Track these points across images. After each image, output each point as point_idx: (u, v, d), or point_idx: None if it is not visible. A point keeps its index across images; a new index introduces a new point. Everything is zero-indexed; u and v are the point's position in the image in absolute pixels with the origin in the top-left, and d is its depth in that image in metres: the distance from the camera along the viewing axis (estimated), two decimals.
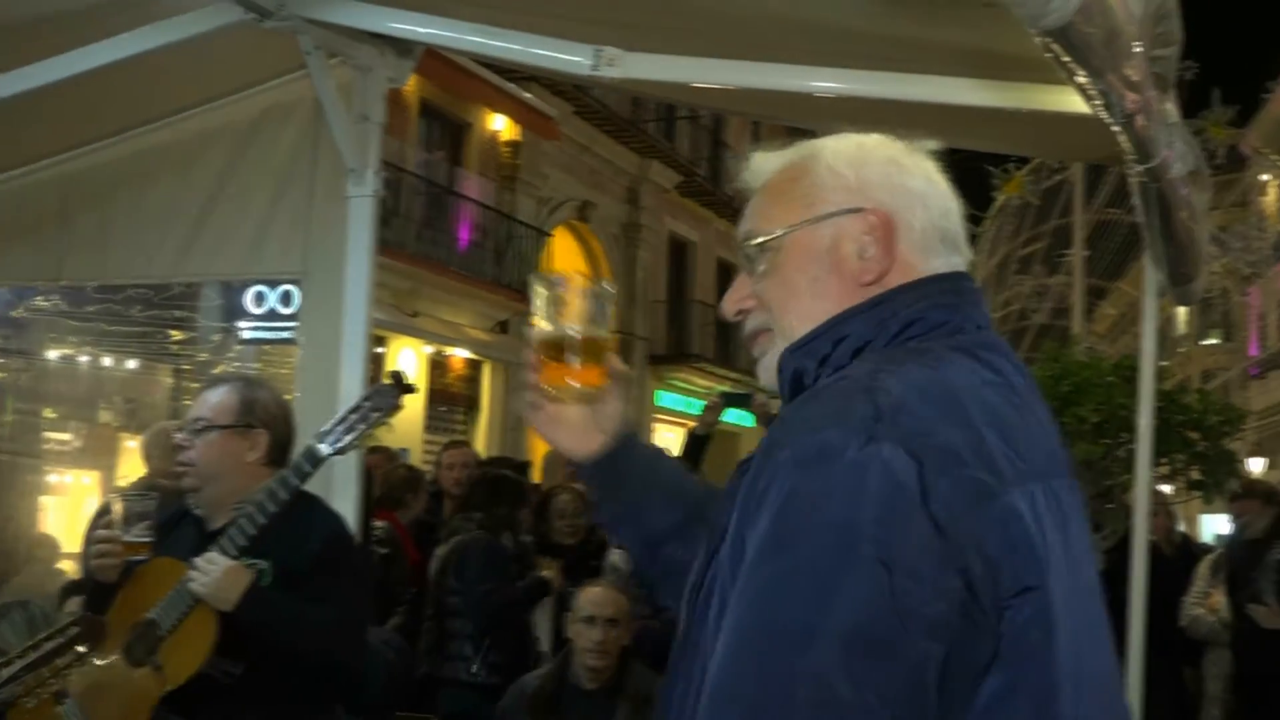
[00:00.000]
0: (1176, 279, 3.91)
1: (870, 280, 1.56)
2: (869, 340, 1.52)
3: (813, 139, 1.69)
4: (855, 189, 1.59)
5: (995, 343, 1.58)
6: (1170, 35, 2.43)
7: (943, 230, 1.58)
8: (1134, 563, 4.07)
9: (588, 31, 3.64)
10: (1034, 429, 1.49)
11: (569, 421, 1.94)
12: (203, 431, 3.53)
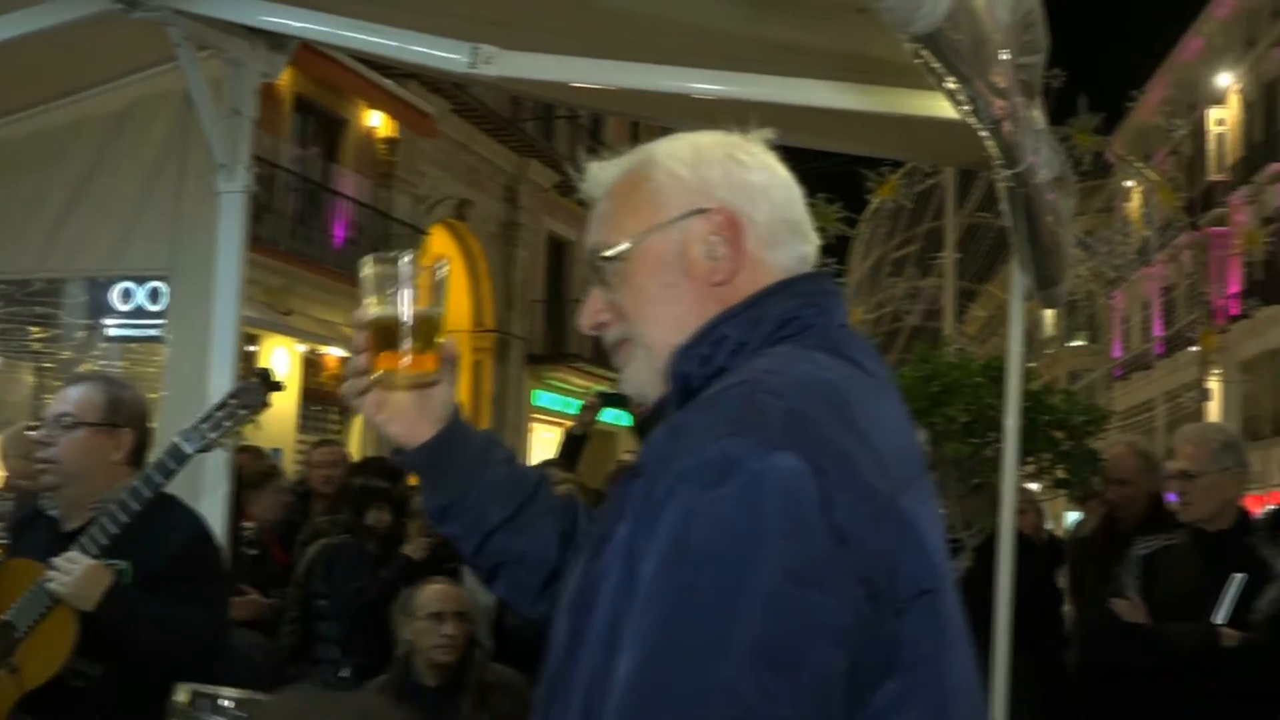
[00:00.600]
0: (1042, 282, 3.99)
1: (721, 280, 1.57)
2: (744, 342, 1.52)
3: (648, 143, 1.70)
4: (697, 190, 1.59)
5: (858, 340, 1.60)
6: (1036, 43, 2.48)
7: (788, 221, 1.60)
8: (1000, 560, 4.15)
9: (465, 29, 3.62)
10: (902, 428, 1.52)
11: (398, 408, 1.85)
12: (70, 428, 3.45)
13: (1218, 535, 4.55)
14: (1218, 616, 4.41)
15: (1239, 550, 4.52)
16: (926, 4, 1.57)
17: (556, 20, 3.50)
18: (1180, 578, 4.57)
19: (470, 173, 23.17)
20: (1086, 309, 17.34)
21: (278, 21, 3.76)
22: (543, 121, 26.07)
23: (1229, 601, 4.42)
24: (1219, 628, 4.38)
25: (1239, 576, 4.44)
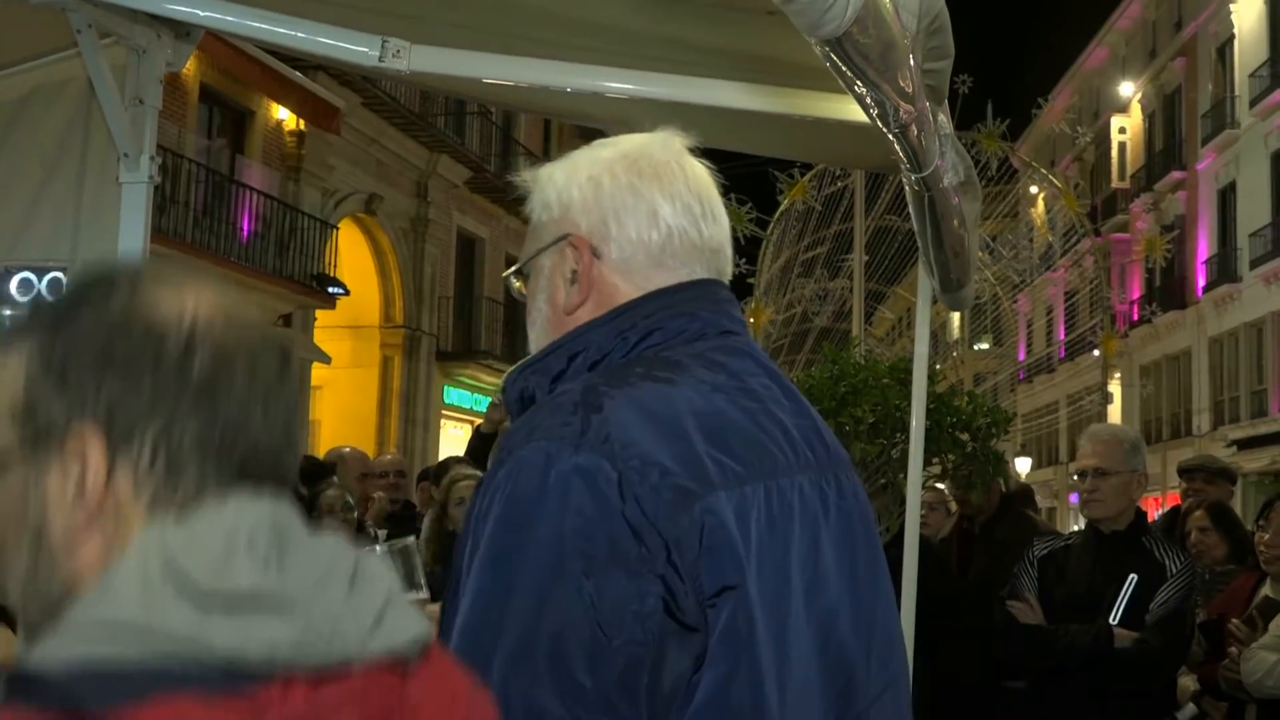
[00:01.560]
0: (948, 285, 4.03)
1: (573, 310, 1.59)
2: (608, 352, 1.54)
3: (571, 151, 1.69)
4: (560, 217, 1.62)
5: (740, 347, 1.60)
6: (944, 49, 2.51)
7: (648, 244, 1.58)
8: (905, 557, 4.20)
9: (375, 22, 3.60)
10: (769, 430, 1.52)
11: None
12: None
13: (1114, 536, 4.63)
14: (1112, 618, 4.48)
15: (1135, 551, 4.61)
16: (835, 8, 1.58)
17: (469, 16, 3.49)
18: (1077, 578, 4.64)
19: (380, 167, 23.03)
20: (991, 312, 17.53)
21: (183, 10, 3.70)
22: (454, 117, 25.99)
23: (1123, 602, 4.50)
24: (1114, 628, 4.46)
25: (1133, 577, 4.52)
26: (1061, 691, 4.50)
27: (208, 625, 0.98)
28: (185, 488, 1.09)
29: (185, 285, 1.14)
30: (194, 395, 1.10)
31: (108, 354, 1.08)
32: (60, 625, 0.99)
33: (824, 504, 1.54)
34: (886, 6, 1.80)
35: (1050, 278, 32.13)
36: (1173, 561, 4.59)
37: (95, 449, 1.07)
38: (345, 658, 1.02)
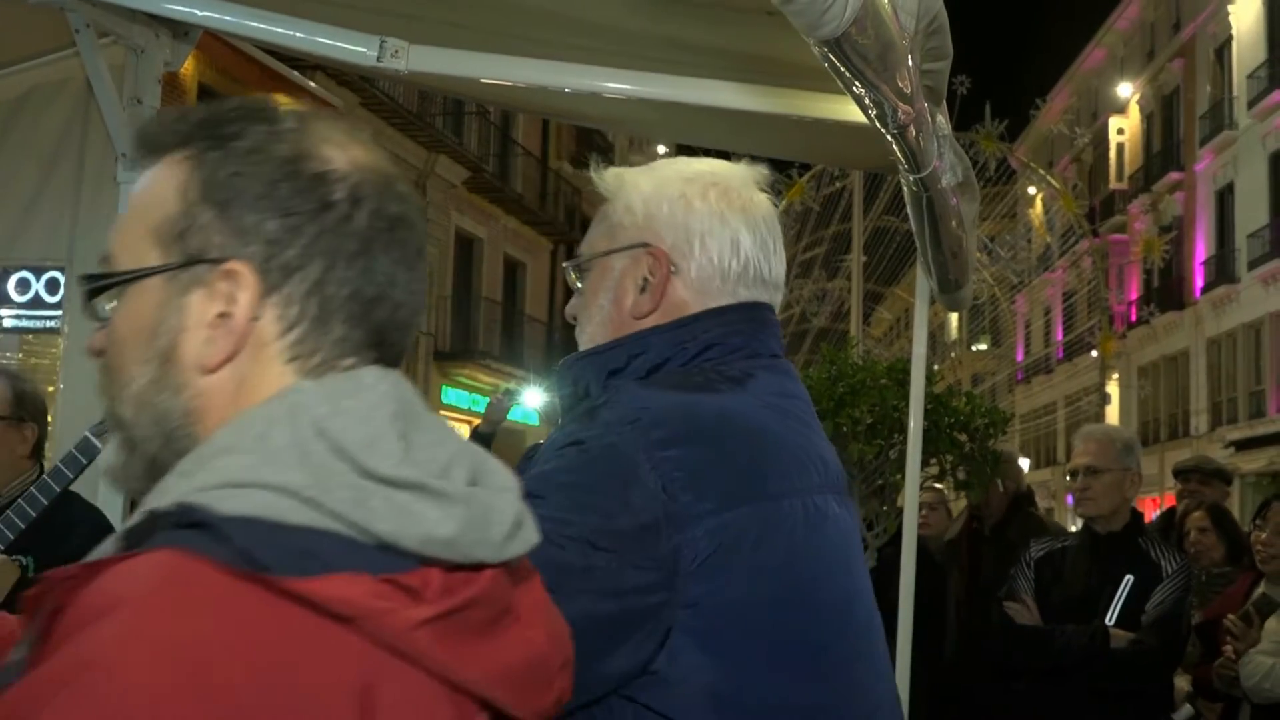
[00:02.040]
0: (945, 286, 4.03)
1: (641, 316, 1.66)
2: (668, 358, 1.61)
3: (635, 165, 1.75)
4: (643, 226, 1.67)
5: (785, 369, 1.69)
6: (942, 50, 2.52)
7: (725, 270, 1.65)
8: (904, 556, 4.20)
9: (373, 22, 3.60)
10: (806, 449, 1.62)
11: None
12: None
13: (1110, 537, 4.64)
14: (1108, 619, 4.49)
15: (1130, 552, 4.61)
16: (833, 8, 1.59)
17: (467, 15, 3.49)
18: (1073, 579, 4.65)
19: None
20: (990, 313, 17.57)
21: (181, 9, 3.70)
22: (453, 117, 26.01)
23: (1119, 603, 4.51)
24: (1110, 629, 4.46)
25: (1129, 578, 4.53)
26: (1059, 692, 4.51)
27: (367, 506, 0.98)
28: (328, 345, 1.10)
29: (350, 141, 1.13)
30: (353, 249, 1.10)
31: (273, 193, 1.07)
32: (213, 471, 0.99)
33: (840, 521, 1.63)
34: (885, 7, 1.81)
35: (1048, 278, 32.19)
36: (1169, 562, 4.59)
37: (247, 287, 1.07)
38: (483, 559, 1.04)
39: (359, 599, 0.95)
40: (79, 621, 0.90)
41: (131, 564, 0.93)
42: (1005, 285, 14.76)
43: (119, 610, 0.89)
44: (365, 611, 0.95)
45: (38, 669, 0.89)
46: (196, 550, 0.92)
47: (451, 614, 1.00)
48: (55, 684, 0.86)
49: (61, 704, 0.84)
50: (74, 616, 0.91)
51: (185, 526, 0.94)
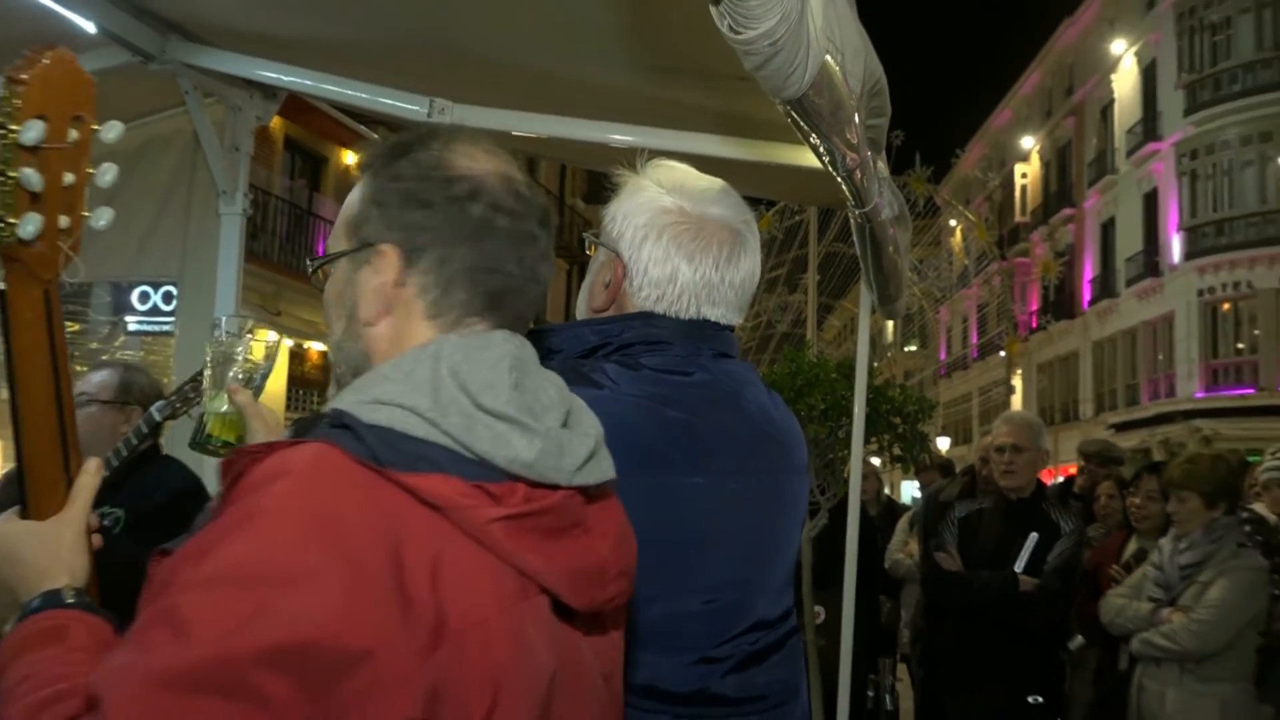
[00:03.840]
0: (884, 299, 4.03)
1: (598, 309, 1.68)
2: (606, 342, 1.62)
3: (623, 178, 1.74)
4: (615, 239, 1.67)
5: (722, 366, 1.67)
6: (882, 108, 2.50)
7: (662, 294, 1.64)
8: (849, 517, 4.19)
9: (424, 85, 3.60)
10: (714, 426, 1.61)
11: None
12: (84, 405, 3.43)
13: (1020, 502, 4.65)
14: (1017, 567, 4.50)
15: (1036, 514, 4.62)
16: (795, 75, 1.57)
17: (499, 81, 3.48)
18: (989, 535, 4.65)
19: None
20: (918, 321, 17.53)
21: (270, 75, 3.71)
22: None
23: (1025, 555, 4.51)
24: (1018, 575, 4.47)
25: (1034, 535, 4.53)
26: (979, 626, 4.52)
27: (473, 430, 1.10)
28: (456, 306, 1.22)
29: (480, 153, 1.25)
30: (468, 232, 1.21)
31: (413, 193, 1.21)
32: (370, 391, 1.12)
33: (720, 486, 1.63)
34: (836, 73, 1.79)
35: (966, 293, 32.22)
36: (1066, 522, 4.61)
37: (392, 262, 1.21)
38: (556, 482, 1.13)
39: (447, 494, 1.06)
40: (254, 485, 1.04)
41: (295, 449, 1.07)
42: (931, 299, 14.72)
43: (280, 480, 1.04)
44: (450, 504, 1.06)
45: (220, 516, 1.05)
46: (339, 444, 1.07)
47: (524, 517, 1.10)
48: (230, 526, 1.02)
49: (233, 539, 1.00)
50: (250, 480, 1.05)
51: (336, 427, 1.09)
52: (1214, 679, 4.09)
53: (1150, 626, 4.23)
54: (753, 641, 1.61)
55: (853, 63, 1.93)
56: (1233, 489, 4.35)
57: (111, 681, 0.96)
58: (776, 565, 1.68)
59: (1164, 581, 4.32)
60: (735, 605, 1.60)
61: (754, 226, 1.74)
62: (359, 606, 0.98)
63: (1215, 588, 4.13)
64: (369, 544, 1.01)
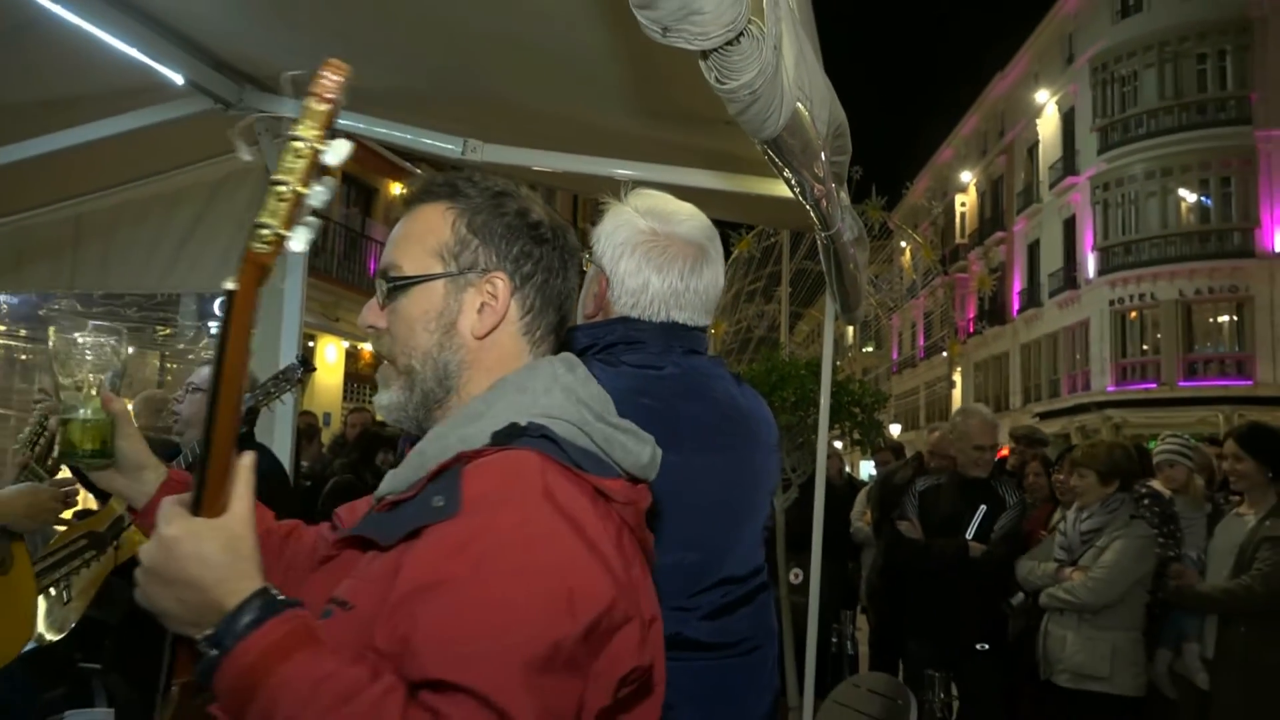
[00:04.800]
0: (846, 308, 4.02)
1: (588, 315, 1.71)
2: (593, 343, 1.64)
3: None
4: (599, 256, 1.69)
5: (691, 362, 1.67)
6: (845, 147, 2.50)
7: (637, 302, 1.66)
8: (816, 491, 4.19)
9: (458, 127, 3.60)
10: (690, 409, 1.62)
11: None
12: (191, 393, 3.49)
13: (973, 479, 4.65)
14: (968, 535, 4.49)
15: (985, 490, 4.63)
16: (771, 119, 1.57)
17: (521, 124, 3.47)
18: (945, 507, 4.66)
19: None
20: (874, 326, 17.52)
21: None
22: None
23: (975, 524, 4.51)
24: (969, 542, 4.46)
25: (983, 507, 4.54)
26: (936, 584, 4.52)
27: (611, 440, 1.16)
28: (542, 326, 1.24)
29: (540, 204, 1.27)
30: (555, 267, 1.25)
31: (514, 232, 1.22)
32: (530, 406, 1.14)
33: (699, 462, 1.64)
34: (806, 118, 1.79)
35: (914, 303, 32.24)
36: (1010, 496, 4.63)
37: (504, 286, 1.22)
38: (647, 479, 1.20)
39: (621, 492, 1.13)
40: (494, 483, 1.04)
41: (518, 452, 1.08)
42: (885, 308, 14.68)
43: (519, 479, 1.05)
44: (624, 499, 1.13)
45: (478, 511, 1.02)
46: (546, 452, 1.09)
47: (642, 507, 1.19)
48: (513, 526, 1.01)
49: (522, 537, 1.00)
50: (482, 479, 1.05)
51: (538, 438, 1.10)
52: (1107, 628, 4.11)
53: (1055, 583, 4.23)
54: (723, 594, 1.61)
55: (820, 108, 1.92)
56: (1125, 470, 4.35)
57: (480, 670, 0.92)
58: (744, 529, 1.68)
59: (1067, 545, 4.35)
60: (702, 563, 1.59)
61: (717, 243, 1.74)
62: (617, 582, 1.04)
63: (1110, 551, 4.16)
64: (602, 535, 1.06)
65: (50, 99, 3.37)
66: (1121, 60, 27.21)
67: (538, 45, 2.66)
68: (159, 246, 4.48)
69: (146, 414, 5.48)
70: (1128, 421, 24.86)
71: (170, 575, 1.03)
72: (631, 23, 1.30)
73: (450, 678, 0.92)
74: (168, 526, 1.05)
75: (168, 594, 1.03)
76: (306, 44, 3.09)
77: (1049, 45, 31.54)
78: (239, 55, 3.34)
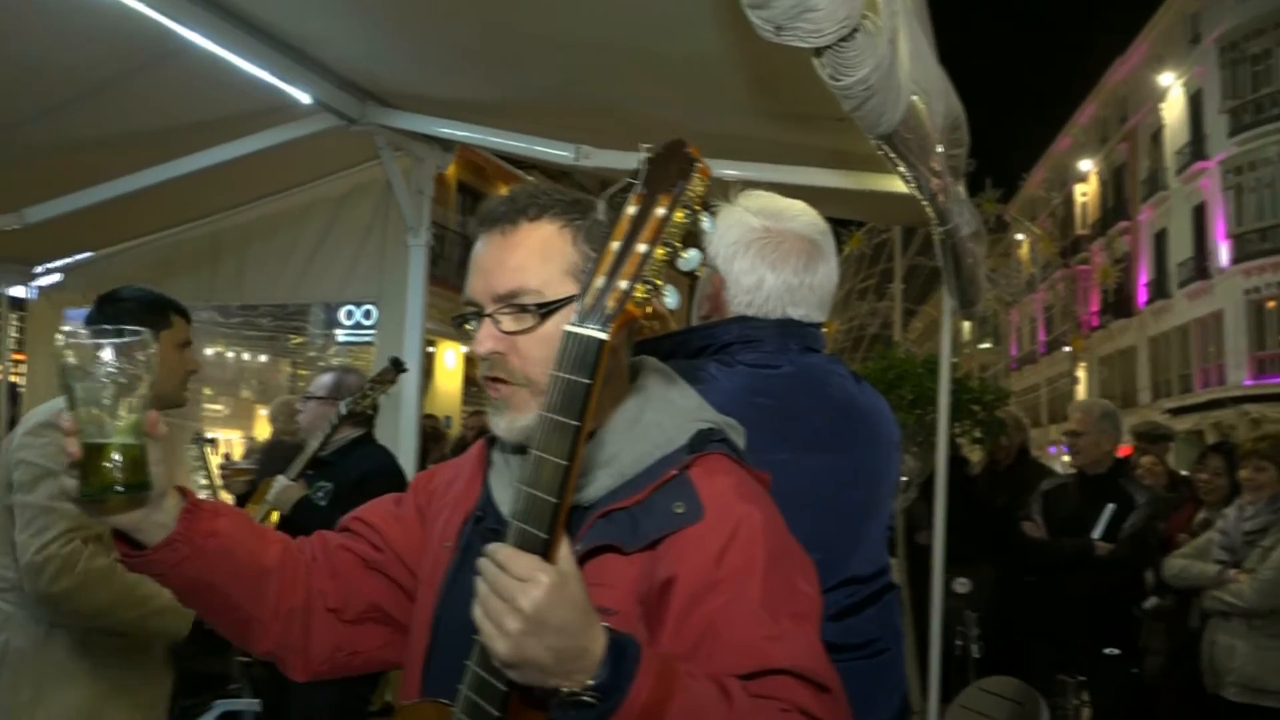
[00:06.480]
0: (964, 304, 3.92)
1: (704, 315, 1.69)
2: (707, 344, 1.62)
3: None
4: (712, 257, 1.67)
5: (809, 360, 1.64)
6: (961, 139, 2.43)
7: (752, 300, 1.64)
8: (936, 489, 4.09)
9: (570, 134, 3.63)
10: (801, 408, 1.59)
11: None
12: (307, 400, 3.62)
13: (1096, 477, 4.49)
14: (1095, 534, 4.35)
15: (1112, 488, 4.45)
16: (887, 114, 1.53)
17: (630, 129, 3.48)
18: (1070, 506, 4.51)
19: None
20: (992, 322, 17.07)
21: (446, 131, 3.79)
22: None
23: (1103, 524, 4.35)
24: (1095, 541, 4.32)
25: (1110, 506, 4.37)
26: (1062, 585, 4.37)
27: (741, 438, 1.27)
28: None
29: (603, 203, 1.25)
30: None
31: (602, 237, 1.09)
32: (694, 411, 1.23)
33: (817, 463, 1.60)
34: (922, 111, 1.74)
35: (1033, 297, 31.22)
36: (1140, 495, 4.44)
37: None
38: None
39: (768, 483, 1.23)
40: (720, 486, 1.15)
41: (718, 456, 1.19)
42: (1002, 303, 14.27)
43: (737, 478, 1.17)
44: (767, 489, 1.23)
45: (721, 512, 1.12)
46: (731, 455, 1.20)
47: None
48: (756, 525, 1.13)
49: (762, 532, 1.13)
50: (709, 483, 1.14)
51: (720, 441, 1.21)
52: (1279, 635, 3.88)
53: (1217, 585, 4.03)
54: (848, 595, 1.57)
55: (936, 101, 1.87)
56: None
57: (787, 649, 1.07)
58: (867, 528, 1.64)
59: (1229, 545, 4.14)
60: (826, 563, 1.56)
61: (830, 238, 1.71)
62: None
63: (1278, 551, 3.94)
64: (777, 517, 1.19)
65: (190, 123, 3.55)
66: (1251, 38, 25.78)
67: (648, 50, 2.67)
68: (290, 259, 4.66)
69: (282, 418, 5.72)
70: (1266, 417, 23.46)
71: (556, 622, 0.92)
72: (742, 24, 1.29)
73: (768, 665, 1.03)
74: (559, 569, 0.94)
75: (541, 644, 0.92)
76: (424, 59, 3.17)
77: (1171, 26, 30.09)
78: (361, 73, 3.45)
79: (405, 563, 1.34)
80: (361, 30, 3.00)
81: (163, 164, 3.83)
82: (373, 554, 1.35)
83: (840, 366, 1.73)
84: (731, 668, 1.02)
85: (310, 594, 1.30)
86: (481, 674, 1.00)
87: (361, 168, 4.44)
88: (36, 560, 2.09)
